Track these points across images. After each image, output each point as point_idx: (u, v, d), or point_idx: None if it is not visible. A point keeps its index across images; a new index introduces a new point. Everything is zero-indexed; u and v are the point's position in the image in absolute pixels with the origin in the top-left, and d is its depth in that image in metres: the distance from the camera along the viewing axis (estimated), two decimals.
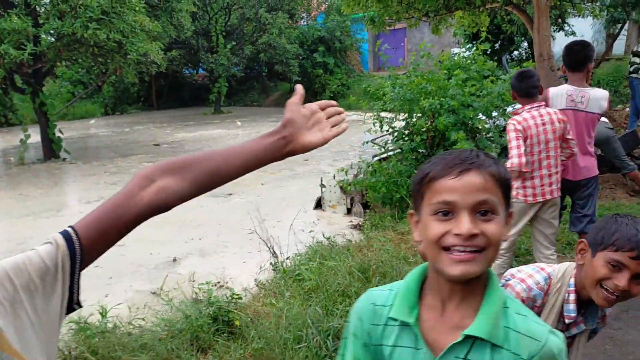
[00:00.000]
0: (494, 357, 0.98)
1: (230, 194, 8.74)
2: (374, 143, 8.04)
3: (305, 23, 26.77)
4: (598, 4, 12.21)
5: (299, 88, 1.27)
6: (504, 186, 1.05)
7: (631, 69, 9.10)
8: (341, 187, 7.47)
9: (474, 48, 7.69)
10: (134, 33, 11.95)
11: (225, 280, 4.87)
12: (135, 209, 1.01)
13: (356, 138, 11.97)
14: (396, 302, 1.08)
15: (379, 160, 7.36)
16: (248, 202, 7.95)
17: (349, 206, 7.60)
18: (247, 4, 23.19)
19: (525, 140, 3.36)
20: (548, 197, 3.46)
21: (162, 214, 1.07)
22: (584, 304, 1.57)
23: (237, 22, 24.10)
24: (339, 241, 5.41)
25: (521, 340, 0.99)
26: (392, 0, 7.74)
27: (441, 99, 6.33)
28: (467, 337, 0.99)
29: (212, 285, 4.11)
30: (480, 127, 6.60)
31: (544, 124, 3.38)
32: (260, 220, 5.64)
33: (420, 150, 6.83)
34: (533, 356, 0.98)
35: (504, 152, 5.28)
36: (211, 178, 1.10)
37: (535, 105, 3.44)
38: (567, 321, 1.55)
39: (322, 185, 7.84)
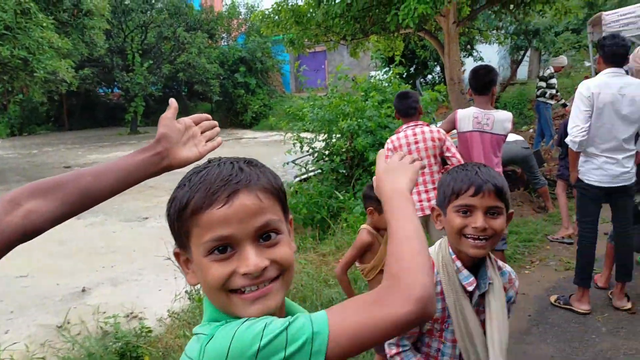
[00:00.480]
0: None
1: (146, 218, 8.35)
2: (295, 164, 8.03)
3: (225, 43, 26.55)
4: (503, 32, 13.08)
5: (172, 102, 1.22)
6: (281, 197, 0.92)
7: (538, 93, 9.74)
8: None
9: (390, 71, 7.93)
10: (41, 50, 11.29)
11: (139, 310, 4.59)
12: (1, 236, 0.93)
13: (278, 158, 11.91)
14: None
15: (300, 181, 7.35)
16: (165, 227, 7.61)
17: None
18: (165, 22, 22.69)
19: None
20: (427, 212, 3.58)
21: (70, 242, 0.97)
22: (476, 267, 1.56)
23: (154, 41, 23.47)
24: None
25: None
26: (310, 24, 7.84)
27: (359, 120, 6.45)
28: None
29: (124, 317, 3.85)
30: None
31: (416, 142, 3.55)
32: None
33: (341, 171, 6.89)
34: None
35: None
36: (82, 198, 1.04)
37: (412, 124, 3.60)
38: (469, 289, 1.51)
39: None
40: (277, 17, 8.15)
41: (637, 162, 3.65)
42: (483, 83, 3.73)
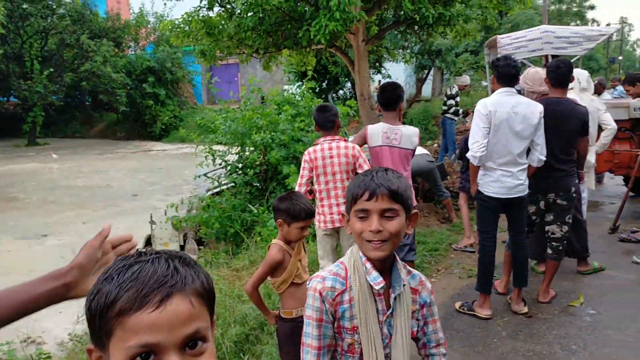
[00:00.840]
0: None
1: (45, 235, 7.80)
2: (207, 177, 7.86)
3: (133, 52, 25.60)
4: (408, 51, 13.74)
5: (105, 230, 1.13)
6: (211, 301, 0.86)
7: (445, 109, 10.31)
8: (173, 224, 7.13)
9: (303, 86, 8.04)
10: None
11: (37, 334, 4.25)
12: None
13: (189, 172, 11.63)
14: None
15: (213, 194, 7.20)
16: (66, 244, 7.15)
17: (182, 243, 7.26)
18: (67, 29, 21.50)
19: (312, 170, 3.63)
20: (337, 225, 3.70)
21: None
22: (389, 271, 1.59)
23: (55, 48, 22.14)
24: None
25: None
26: (222, 36, 7.76)
27: (272, 134, 6.45)
28: None
29: (20, 342, 3.54)
30: None
31: (331, 157, 3.64)
32: None
33: (254, 184, 6.85)
34: None
35: None
36: None
37: (329, 138, 3.68)
38: (376, 287, 1.53)
39: (152, 222, 7.40)
40: (187, 28, 7.99)
41: (528, 174, 3.95)
42: (390, 99, 3.88)
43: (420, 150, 6.38)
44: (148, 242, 7.48)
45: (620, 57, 50.71)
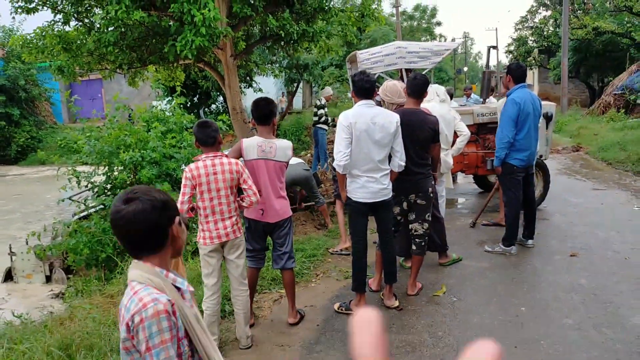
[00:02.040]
0: None
1: None
2: (73, 200, 7.36)
3: None
4: (277, 65, 14.05)
5: None
6: None
7: (315, 119, 10.67)
8: (36, 253, 6.59)
9: (173, 101, 7.88)
10: None
11: None
12: None
13: (52, 196, 10.76)
14: None
15: (80, 218, 6.77)
16: None
17: (48, 273, 6.73)
18: None
19: (195, 187, 3.59)
20: (224, 239, 3.71)
21: None
22: None
23: None
24: (37, 316, 4.72)
25: None
26: (81, 51, 7.36)
27: (142, 152, 6.25)
28: None
29: None
30: None
31: (215, 174, 3.61)
32: None
33: None
34: None
35: None
36: None
37: (211, 155, 3.67)
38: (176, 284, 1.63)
39: (12, 253, 6.77)
40: (41, 43, 7.46)
41: (391, 179, 4.29)
42: (264, 113, 3.99)
43: (295, 160, 6.58)
44: (8, 275, 6.84)
45: (465, 68, 56.46)
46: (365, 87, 4.06)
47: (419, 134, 4.35)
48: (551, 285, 4.71)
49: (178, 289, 1.61)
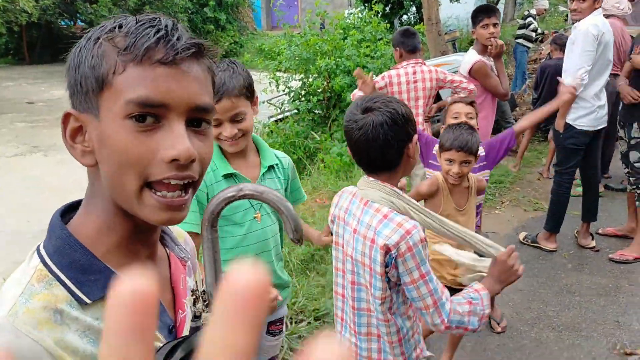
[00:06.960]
0: (276, 172, 1.77)
1: None
2: (270, 103, 7.91)
3: None
4: None
5: None
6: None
7: (519, 32, 9.53)
8: None
9: (366, 10, 7.75)
10: None
11: None
12: None
13: None
14: (218, 164, 1.65)
15: (276, 121, 7.27)
16: None
17: None
18: None
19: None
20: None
21: (40, 179, 0.92)
22: None
23: None
24: None
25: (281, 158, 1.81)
26: None
27: (337, 60, 6.35)
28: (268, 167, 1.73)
29: None
30: None
31: (415, 82, 3.43)
32: None
33: (317, 111, 6.84)
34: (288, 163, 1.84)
35: None
36: None
37: (412, 62, 3.47)
38: None
39: None
40: None
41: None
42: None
43: None
44: None
45: None
46: None
47: None
48: None
49: None
